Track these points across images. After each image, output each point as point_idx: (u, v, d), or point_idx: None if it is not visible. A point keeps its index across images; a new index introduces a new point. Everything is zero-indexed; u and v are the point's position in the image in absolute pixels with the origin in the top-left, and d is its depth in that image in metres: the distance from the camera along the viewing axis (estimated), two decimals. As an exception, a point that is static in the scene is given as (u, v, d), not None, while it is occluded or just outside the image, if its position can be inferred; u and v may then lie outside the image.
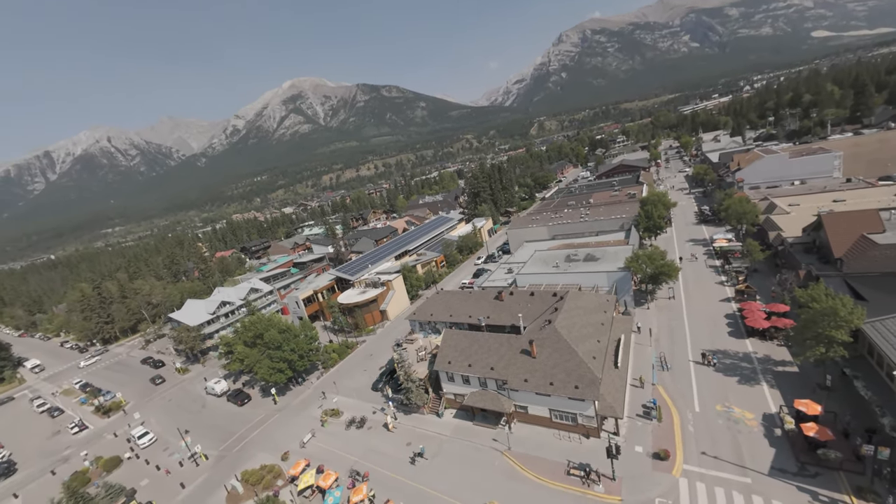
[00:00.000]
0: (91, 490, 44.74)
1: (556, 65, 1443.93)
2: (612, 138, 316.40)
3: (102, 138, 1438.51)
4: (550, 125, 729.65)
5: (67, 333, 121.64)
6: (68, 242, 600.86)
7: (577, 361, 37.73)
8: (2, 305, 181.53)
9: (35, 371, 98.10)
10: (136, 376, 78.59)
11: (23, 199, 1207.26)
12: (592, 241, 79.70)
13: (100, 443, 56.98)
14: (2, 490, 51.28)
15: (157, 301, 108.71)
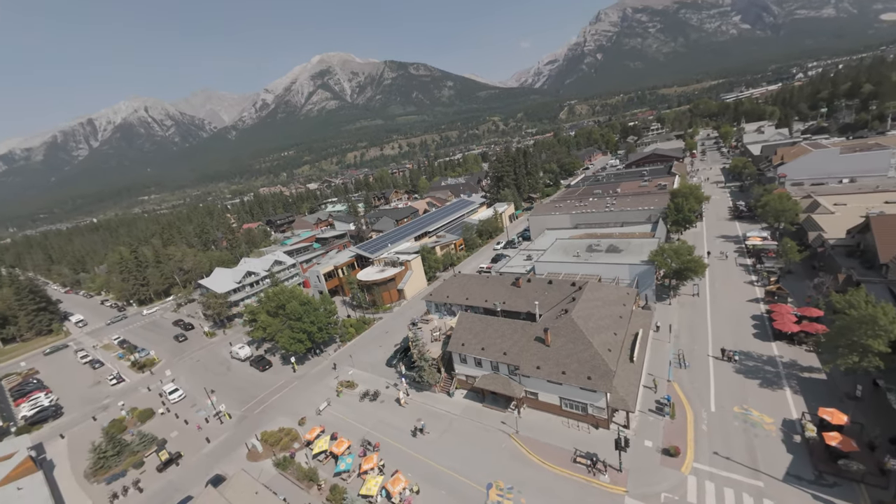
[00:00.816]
0: (126, 437, 48.58)
1: (591, 45, 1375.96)
2: (646, 126, 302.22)
3: (140, 108, 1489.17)
4: (581, 109, 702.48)
5: (107, 293, 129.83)
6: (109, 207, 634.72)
7: (591, 352, 37.32)
8: (50, 263, 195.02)
9: (79, 325, 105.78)
10: (168, 337, 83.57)
11: (68, 164, 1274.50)
12: (616, 231, 77.40)
13: (135, 395, 61.36)
14: (51, 430, 56.34)
15: (187, 267, 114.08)
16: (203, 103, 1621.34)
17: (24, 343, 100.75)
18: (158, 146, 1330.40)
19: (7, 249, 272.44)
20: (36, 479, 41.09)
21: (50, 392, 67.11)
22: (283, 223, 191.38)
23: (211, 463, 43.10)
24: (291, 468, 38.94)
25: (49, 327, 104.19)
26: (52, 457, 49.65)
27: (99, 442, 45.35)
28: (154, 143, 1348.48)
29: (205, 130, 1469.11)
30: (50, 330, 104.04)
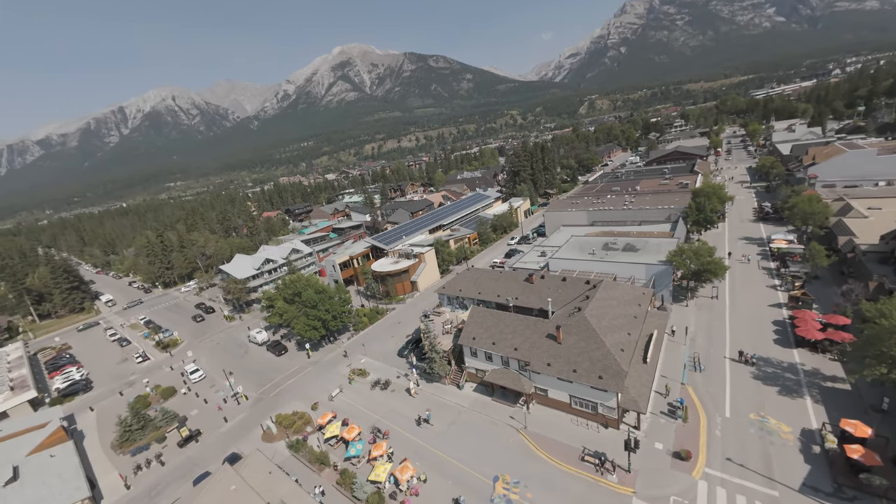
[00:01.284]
0: (150, 413, 50.67)
1: (615, 38, 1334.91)
2: (669, 122, 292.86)
3: (168, 97, 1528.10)
4: (602, 104, 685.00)
5: (135, 274, 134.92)
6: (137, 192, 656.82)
7: (603, 352, 36.72)
8: (83, 245, 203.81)
9: (108, 305, 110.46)
10: (189, 318, 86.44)
11: (101, 149, 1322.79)
12: (634, 230, 75.58)
13: (158, 373, 63.86)
14: (82, 403, 59.23)
15: (210, 253, 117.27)
16: (227, 93, 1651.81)
17: (58, 319, 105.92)
18: (184, 134, 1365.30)
19: (44, 230, 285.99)
20: (67, 448, 43.33)
21: (81, 367, 70.48)
22: (301, 213, 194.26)
23: (228, 442, 44.61)
24: (304, 451, 39.91)
25: (81, 305, 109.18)
26: (82, 428, 52.27)
27: (125, 416, 47.48)
28: (180, 132, 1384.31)
29: (228, 120, 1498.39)
30: (82, 308, 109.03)
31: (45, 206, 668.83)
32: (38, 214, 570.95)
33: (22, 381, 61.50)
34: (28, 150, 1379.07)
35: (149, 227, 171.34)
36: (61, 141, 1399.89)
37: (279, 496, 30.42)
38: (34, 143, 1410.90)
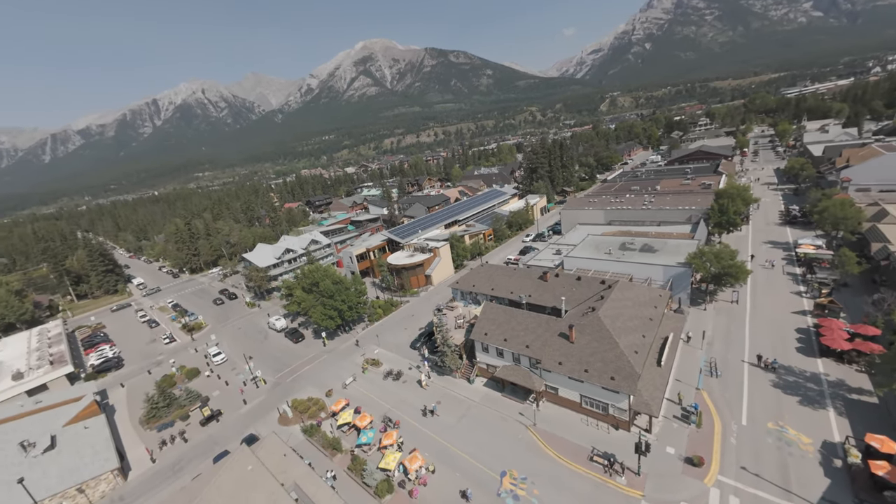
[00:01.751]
0: (175, 391, 52.67)
1: (640, 34, 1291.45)
2: (693, 120, 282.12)
3: (198, 90, 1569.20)
4: (624, 102, 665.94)
5: (164, 260, 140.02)
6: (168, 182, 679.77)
7: (616, 353, 35.89)
8: (117, 230, 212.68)
9: (140, 288, 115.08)
10: (213, 303, 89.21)
11: (135, 140, 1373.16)
12: (652, 230, 73.43)
13: (184, 354, 66.25)
14: (114, 379, 62.07)
15: (234, 241, 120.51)
16: (254, 87, 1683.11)
17: (94, 300, 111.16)
18: (213, 126, 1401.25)
19: (83, 216, 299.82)
20: (99, 421, 45.47)
21: (114, 345, 73.82)
22: (321, 204, 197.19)
23: (246, 423, 45.96)
24: (317, 436, 40.74)
25: (115, 287, 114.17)
26: (113, 402, 54.84)
27: (152, 394, 49.52)
28: (209, 124, 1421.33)
29: (254, 113, 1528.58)
30: (116, 290, 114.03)
31: (84, 192, 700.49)
32: (77, 200, 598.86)
33: (60, 356, 64.89)
34: (70, 140, 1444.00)
35: (178, 214, 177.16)
36: (100, 131, 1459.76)
37: (293, 478, 31.14)
38: (75, 132, 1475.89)
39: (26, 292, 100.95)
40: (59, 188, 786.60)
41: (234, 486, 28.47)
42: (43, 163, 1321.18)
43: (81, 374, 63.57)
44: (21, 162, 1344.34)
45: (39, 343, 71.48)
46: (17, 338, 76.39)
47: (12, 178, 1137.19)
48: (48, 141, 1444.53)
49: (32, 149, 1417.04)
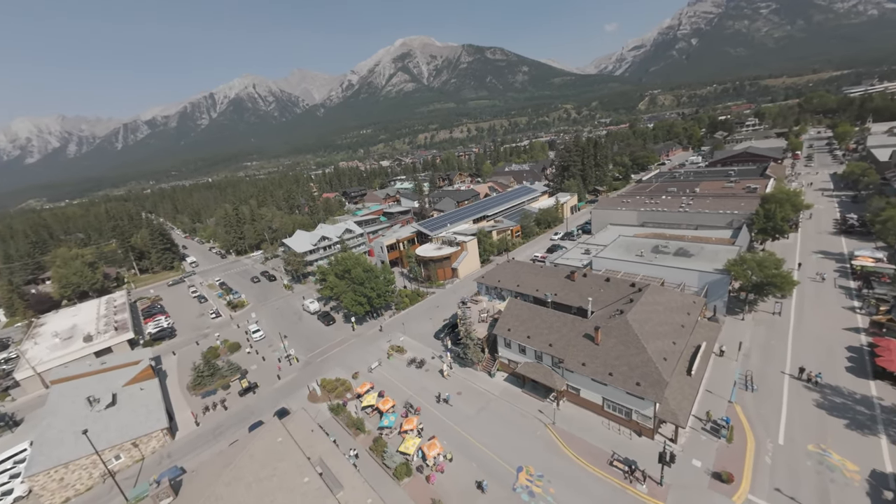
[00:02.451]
0: (219, 363, 55.74)
1: (686, 28, 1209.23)
2: (740, 120, 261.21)
3: (250, 85, 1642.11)
4: (665, 100, 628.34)
5: (214, 241, 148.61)
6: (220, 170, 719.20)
7: (644, 358, 34.00)
8: (175, 212, 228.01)
9: (192, 266, 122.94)
10: (256, 284, 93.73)
11: (193, 131, 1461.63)
12: (689, 234, 68.94)
13: (227, 329, 70.11)
14: (167, 347, 66.81)
15: (275, 227, 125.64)
16: (299, 82, 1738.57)
17: (153, 275, 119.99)
18: (261, 119, 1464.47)
19: (147, 198, 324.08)
20: (153, 384, 49.09)
21: (168, 316, 79.30)
22: (356, 195, 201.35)
23: (279, 397, 47.97)
24: (343, 415, 41.81)
25: (172, 264, 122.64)
26: (165, 368, 59.01)
27: (199, 363, 52.71)
28: (258, 117, 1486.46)
29: (299, 107, 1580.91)
30: (172, 266, 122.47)
31: (149, 177, 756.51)
32: (143, 184, 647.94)
33: (124, 323, 70.58)
34: (139, 129, 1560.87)
35: (227, 200, 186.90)
36: (164, 122, 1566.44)
37: (318, 453, 32.04)
38: (143, 123, 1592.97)
39: (98, 265, 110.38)
40: (128, 173, 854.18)
41: (265, 455, 29.72)
42: (116, 149, 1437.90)
43: (140, 341, 68.80)
44: (98, 148, 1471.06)
45: (107, 310, 78.08)
46: (89, 305, 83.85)
47: (90, 163, 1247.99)
48: (120, 130, 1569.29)
49: (107, 137, 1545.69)
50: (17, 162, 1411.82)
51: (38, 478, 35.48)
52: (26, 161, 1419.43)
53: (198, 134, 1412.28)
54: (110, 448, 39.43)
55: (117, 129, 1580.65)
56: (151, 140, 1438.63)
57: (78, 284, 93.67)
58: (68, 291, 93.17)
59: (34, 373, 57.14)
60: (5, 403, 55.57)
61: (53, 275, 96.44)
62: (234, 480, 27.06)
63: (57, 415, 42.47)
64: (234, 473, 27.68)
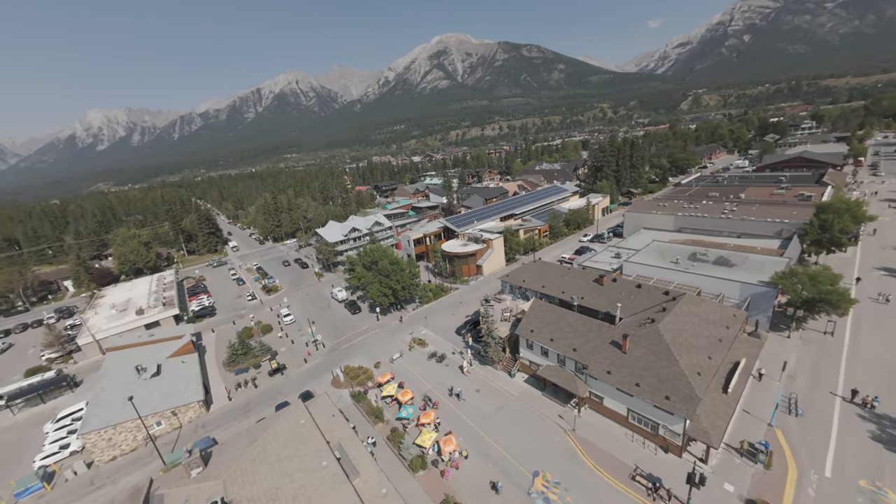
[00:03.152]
0: (252, 342, 58.12)
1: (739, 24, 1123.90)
2: (794, 123, 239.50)
3: (293, 81, 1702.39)
4: (710, 100, 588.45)
5: (254, 228, 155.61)
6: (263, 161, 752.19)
7: (675, 371, 31.68)
8: (221, 199, 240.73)
9: (234, 250, 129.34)
10: (289, 270, 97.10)
11: (241, 123, 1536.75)
12: (730, 242, 63.88)
13: (261, 311, 73.04)
14: (207, 324, 70.57)
15: (310, 217, 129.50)
16: (338, 78, 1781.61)
17: (199, 256, 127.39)
18: (302, 114, 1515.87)
19: (198, 185, 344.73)
20: (192, 359, 51.86)
21: (210, 296, 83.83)
22: (387, 189, 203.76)
23: (305, 380, 49.27)
24: (363, 402, 42.25)
25: (216, 247, 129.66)
26: (204, 344, 62.30)
27: (234, 342, 55.23)
28: (299, 112, 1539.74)
29: (337, 102, 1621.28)
30: (216, 249, 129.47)
31: (200, 166, 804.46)
32: (195, 172, 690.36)
33: (171, 300, 75.22)
34: (193, 121, 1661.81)
35: (267, 189, 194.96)
36: (215, 115, 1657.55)
37: (338, 438, 32.45)
38: (197, 115, 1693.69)
39: (152, 245, 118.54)
40: (182, 161, 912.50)
41: (287, 436, 30.42)
42: (172, 139, 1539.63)
43: (184, 317, 73.08)
44: (158, 138, 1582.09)
45: (157, 287, 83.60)
46: (143, 281, 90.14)
47: (151, 151, 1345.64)
48: (177, 121, 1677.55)
49: (166, 128, 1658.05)
50: (91, 149, 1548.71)
51: (90, 436, 38.41)
52: (98, 148, 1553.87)
53: (244, 126, 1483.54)
54: (153, 414, 42.02)
55: (175, 120, 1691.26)
56: (204, 131, 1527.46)
57: (134, 262, 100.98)
58: (126, 268, 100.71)
59: (93, 340, 62.12)
60: (68, 365, 60.90)
61: (114, 252, 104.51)
62: (258, 457, 27.85)
63: (109, 380, 45.83)
64: (258, 451, 28.52)
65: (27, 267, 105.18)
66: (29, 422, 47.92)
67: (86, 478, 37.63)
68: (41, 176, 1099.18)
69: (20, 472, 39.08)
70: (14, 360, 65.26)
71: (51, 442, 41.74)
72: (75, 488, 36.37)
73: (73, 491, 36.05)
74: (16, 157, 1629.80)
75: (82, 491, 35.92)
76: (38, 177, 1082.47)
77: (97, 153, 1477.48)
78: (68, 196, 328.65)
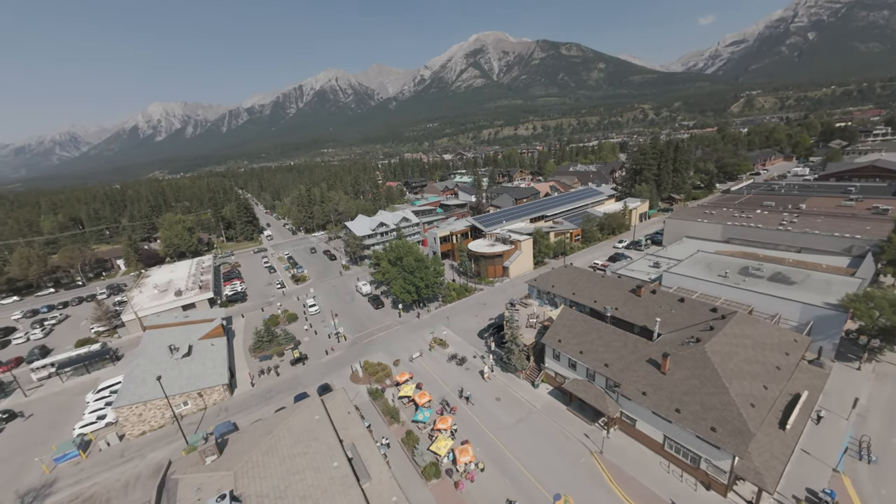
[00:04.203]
0: (277, 330, 59.05)
1: (803, 20, 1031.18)
2: (865, 128, 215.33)
3: (333, 78, 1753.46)
4: (764, 102, 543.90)
5: (288, 218, 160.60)
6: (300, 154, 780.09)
7: (724, 400, 27.98)
8: (260, 190, 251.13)
9: (268, 238, 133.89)
10: (317, 261, 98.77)
11: (283, 119, 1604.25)
12: (790, 257, 57.25)
13: (288, 300, 74.40)
14: (238, 309, 72.76)
15: (341, 210, 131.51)
16: (376, 76, 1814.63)
17: (237, 243, 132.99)
18: (340, 110, 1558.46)
19: (241, 176, 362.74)
20: (221, 342, 53.23)
21: (243, 282, 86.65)
22: (417, 186, 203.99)
23: (325, 372, 49.11)
24: (380, 401, 41.26)
25: (252, 236, 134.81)
26: (234, 328, 64.08)
27: (260, 328, 56.23)
28: (337, 108, 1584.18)
29: (373, 100, 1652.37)
30: (252, 238, 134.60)
31: (244, 157, 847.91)
32: (239, 163, 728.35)
33: (207, 284, 78.34)
34: (240, 115, 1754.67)
35: (303, 182, 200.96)
36: (260, 110, 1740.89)
37: (351, 437, 31.53)
38: (244, 110, 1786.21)
39: (195, 230, 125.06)
40: (228, 153, 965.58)
41: (301, 431, 29.80)
42: (221, 132, 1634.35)
43: (218, 301, 75.89)
44: (208, 131, 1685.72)
45: (196, 270, 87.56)
46: (184, 264, 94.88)
47: (203, 143, 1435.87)
48: (226, 115, 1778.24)
49: (216, 121, 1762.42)
50: (150, 139, 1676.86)
51: (123, 410, 40.01)
52: (156, 139, 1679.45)
53: (286, 121, 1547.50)
54: (180, 394, 43.25)
55: (224, 114, 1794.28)
56: (249, 125, 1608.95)
57: (178, 245, 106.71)
58: (170, 250, 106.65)
59: (136, 317, 65.67)
60: (112, 339, 64.75)
61: (161, 235, 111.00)
62: (271, 451, 27.35)
63: (145, 357, 47.78)
64: (271, 443, 28.04)
65: (87, 245, 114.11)
66: (74, 390, 51.07)
67: (117, 449, 39.23)
68: (108, 162, 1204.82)
69: (62, 437, 41.47)
70: (68, 330, 70.39)
71: (90, 412, 44.04)
72: (107, 459, 37.96)
73: (105, 461, 37.62)
74: (87, 145, 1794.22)
75: (113, 462, 37.40)
76: (106, 163, 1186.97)
77: (155, 143, 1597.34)
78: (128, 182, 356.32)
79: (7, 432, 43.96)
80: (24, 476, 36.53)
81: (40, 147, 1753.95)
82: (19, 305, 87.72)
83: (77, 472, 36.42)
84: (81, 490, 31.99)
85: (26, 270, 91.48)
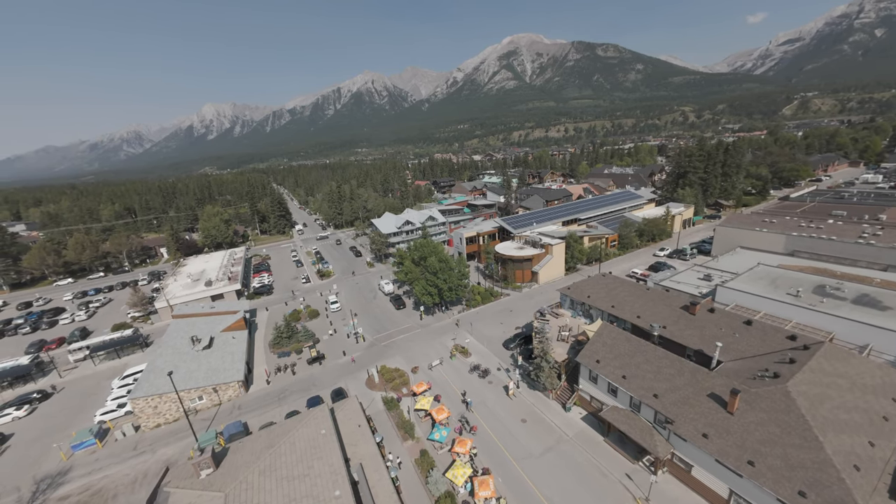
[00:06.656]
0: (298, 326, 57.05)
1: (870, 16, 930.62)
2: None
3: (369, 81, 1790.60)
4: (821, 105, 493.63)
5: (319, 214, 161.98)
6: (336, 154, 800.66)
7: (817, 457, 21.75)
8: (295, 185, 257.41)
9: (299, 233, 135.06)
10: (343, 256, 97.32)
11: (322, 119, 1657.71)
12: (875, 276, 47.91)
13: (312, 296, 72.81)
14: (263, 302, 72.10)
15: (369, 207, 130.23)
16: (410, 78, 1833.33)
17: (269, 237, 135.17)
18: (374, 111, 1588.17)
19: (279, 172, 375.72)
20: (242, 335, 51.84)
21: (271, 275, 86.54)
22: (445, 185, 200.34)
23: (340, 374, 46.21)
24: (395, 412, 37.61)
25: (284, 229, 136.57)
26: (258, 322, 63.01)
27: (281, 324, 54.39)
28: (372, 110, 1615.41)
29: (407, 101, 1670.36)
30: (284, 232, 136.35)
31: (284, 156, 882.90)
32: (279, 161, 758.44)
33: (236, 275, 78.45)
34: (283, 116, 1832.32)
35: (335, 179, 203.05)
36: (301, 111, 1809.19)
37: (360, 456, 28.08)
38: (286, 111, 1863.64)
39: (232, 222, 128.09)
40: (270, 151, 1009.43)
41: (305, 447, 26.62)
42: (265, 131, 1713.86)
43: (245, 293, 75.68)
44: (254, 130, 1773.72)
45: (228, 262, 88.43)
46: (218, 255, 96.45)
47: (249, 141, 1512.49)
48: (270, 116, 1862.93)
49: (261, 121, 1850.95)
50: (203, 138, 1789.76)
51: (139, 402, 38.87)
52: (208, 137, 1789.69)
53: (324, 122, 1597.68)
54: (196, 388, 41.73)
55: (268, 115, 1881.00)
56: (291, 126, 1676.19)
57: (215, 236, 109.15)
58: (208, 241, 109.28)
59: (167, 304, 66.27)
60: (145, 326, 65.66)
61: (200, 226, 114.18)
62: (269, 470, 24.25)
63: (167, 347, 47.00)
64: (270, 461, 24.96)
65: (138, 233, 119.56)
66: (104, 374, 51.43)
67: (131, 441, 38.12)
68: (166, 158, 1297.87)
69: (86, 422, 41.10)
70: (110, 314, 72.55)
71: (112, 398, 43.58)
72: (120, 450, 36.85)
73: (118, 453, 36.50)
74: (150, 142, 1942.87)
75: (125, 455, 36.19)
76: (164, 159, 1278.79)
77: (207, 142, 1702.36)
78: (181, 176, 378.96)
79: (39, 412, 44.41)
80: (43, 462, 36.06)
81: (110, 143, 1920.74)
82: (73, 287, 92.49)
83: (91, 462, 35.46)
84: (92, 482, 30.72)
85: (80, 255, 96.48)
